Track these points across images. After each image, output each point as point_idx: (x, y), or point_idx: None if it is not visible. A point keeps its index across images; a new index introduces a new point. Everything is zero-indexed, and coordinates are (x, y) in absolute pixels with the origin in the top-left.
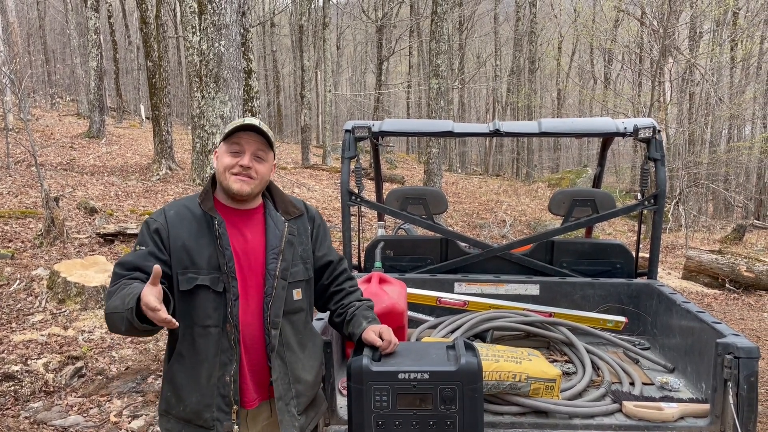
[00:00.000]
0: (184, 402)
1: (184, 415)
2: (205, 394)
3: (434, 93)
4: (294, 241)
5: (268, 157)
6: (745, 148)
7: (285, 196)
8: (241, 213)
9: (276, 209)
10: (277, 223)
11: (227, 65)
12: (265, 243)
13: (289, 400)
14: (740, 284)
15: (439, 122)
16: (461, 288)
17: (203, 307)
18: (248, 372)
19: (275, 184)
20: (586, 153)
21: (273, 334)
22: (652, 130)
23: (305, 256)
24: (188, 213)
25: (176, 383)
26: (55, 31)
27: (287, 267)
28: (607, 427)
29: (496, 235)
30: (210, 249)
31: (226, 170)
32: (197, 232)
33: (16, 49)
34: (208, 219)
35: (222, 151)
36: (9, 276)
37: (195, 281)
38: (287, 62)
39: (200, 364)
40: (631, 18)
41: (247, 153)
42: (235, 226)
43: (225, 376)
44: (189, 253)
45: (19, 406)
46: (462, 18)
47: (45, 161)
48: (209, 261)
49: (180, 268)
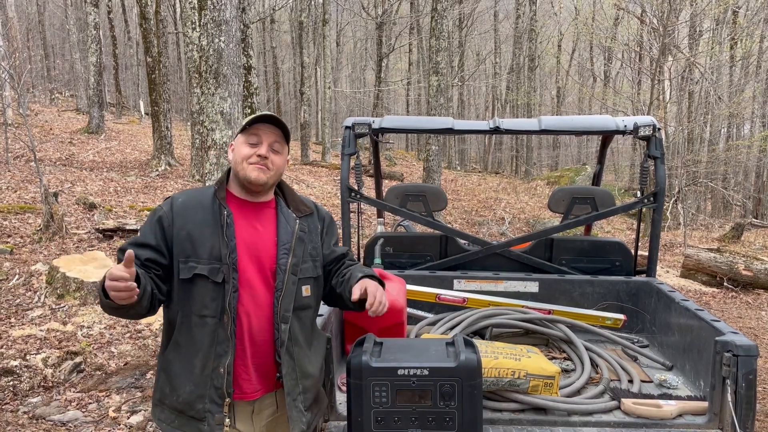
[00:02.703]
0: (177, 391)
1: (177, 405)
2: (199, 384)
3: (434, 90)
4: (305, 238)
5: (284, 150)
6: (744, 147)
7: (296, 194)
8: (254, 206)
9: (287, 206)
10: (289, 219)
11: (227, 61)
12: (277, 238)
13: (297, 396)
14: (738, 283)
15: (439, 119)
16: (460, 285)
17: (201, 297)
18: (252, 363)
19: (286, 182)
20: (585, 151)
21: (283, 328)
22: (652, 128)
23: (315, 254)
24: (198, 202)
25: (171, 372)
26: (55, 27)
27: (297, 263)
28: (605, 424)
29: (495, 232)
30: (214, 239)
31: (244, 160)
32: (203, 221)
33: (16, 44)
34: (216, 209)
35: (239, 142)
36: (8, 271)
37: (194, 270)
38: (287, 59)
39: (195, 354)
40: (631, 16)
41: (265, 143)
42: (246, 218)
43: (219, 367)
44: (192, 242)
45: (18, 401)
46: (462, 15)
47: (44, 156)
48: (211, 251)
49: (182, 256)
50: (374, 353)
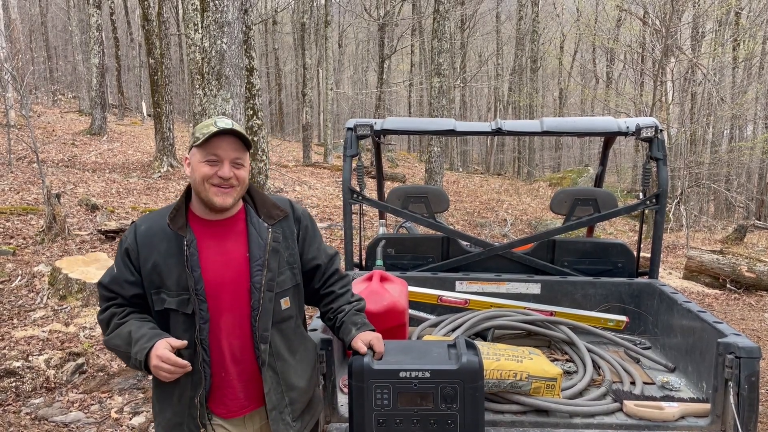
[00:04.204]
0: (163, 414)
1: (164, 425)
2: (177, 412)
3: (436, 91)
4: (279, 248)
5: (246, 160)
6: (747, 149)
7: (267, 198)
8: (221, 224)
9: (258, 214)
10: (260, 231)
11: (229, 63)
12: (249, 254)
13: (283, 409)
14: (741, 284)
15: (441, 120)
16: (462, 286)
17: (174, 329)
18: (239, 383)
19: (255, 186)
20: (587, 152)
21: (263, 348)
22: (655, 130)
23: (292, 261)
24: (160, 229)
25: (156, 396)
26: (57, 28)
27: (273, 277)
28: (607, 426)
29: (497, 234)
30: (179, 268)
31: (205, 181)
32: (167, 250)
33: (18, 45)
34: (178, 238)
35: (196, 159)
36: (10, 272)
37: (164, 303)
38: (289, 60)
39: (172, 384)
40: (634, 17)
41: (226, 162)
42: (213, 238)
43: (194, 398)
44: (159, 274)
45: (21, 402)
46: (464, 16)
47: (46, 158)
48: (178, 281)
49: (152, 288)
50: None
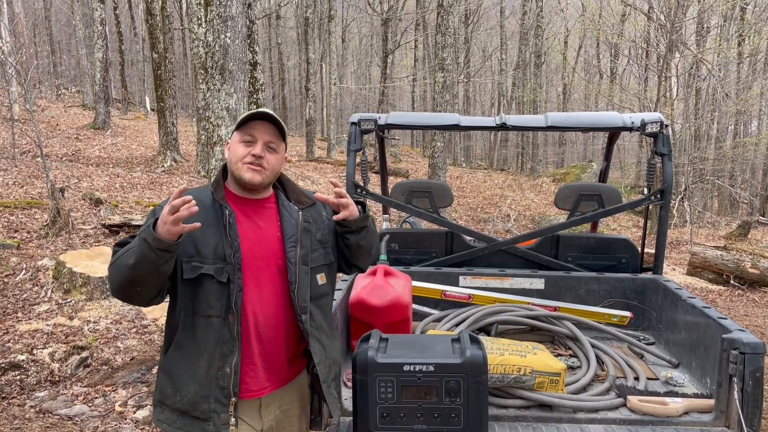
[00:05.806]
0: (181, 392)
1: (180, 406)
2: (204, 384)
3: (439, 86)
4: (310, 228)
5: (280, 148)
6: (752, 144)
7: (296, 186)
8: (253, 203)
9: (288, 199)
10: (291, 212)
11: (233, 57)
12: (281, 232)
13: (330, 382)
14: (745, 281)
15: (445, 115)
16: (466, 281)
17: (206, 297)
18: (260, 361)
19: (286, 175)
20: (591, 148)
21: (304, 319)
22: (660, 125)
23: (324, 240)
24: (198, 201)
25: (173, 373)
26: (61, 22)
27: (307, 253)
28: (611, 422)
29: (500, 229)
30: (217, 239)
31: (239, 160)
32: (205, 221)
33: (22, 40)
34: (217, 208)
35: (234, 141)
36: (15, 266)
37: (199, 270)
38: (292, 55)
39: (200, 355)
40: (638, 12)
41: (260, 142)
42: (247, 215)
43: (225, 367)
44: (194, 242)
45: (25, 395)
46: (468, 11)
47: (50, 152)
48: (215, 251)
49: (184, 256)
50: (380, 349)
